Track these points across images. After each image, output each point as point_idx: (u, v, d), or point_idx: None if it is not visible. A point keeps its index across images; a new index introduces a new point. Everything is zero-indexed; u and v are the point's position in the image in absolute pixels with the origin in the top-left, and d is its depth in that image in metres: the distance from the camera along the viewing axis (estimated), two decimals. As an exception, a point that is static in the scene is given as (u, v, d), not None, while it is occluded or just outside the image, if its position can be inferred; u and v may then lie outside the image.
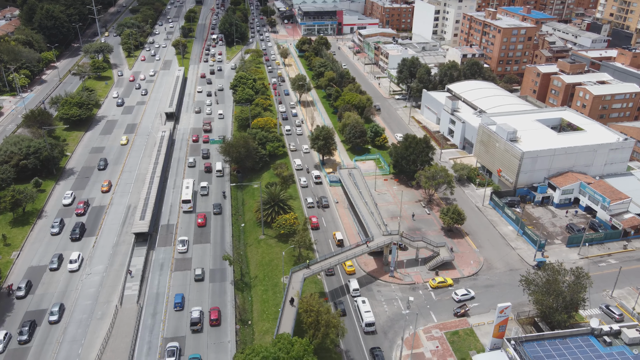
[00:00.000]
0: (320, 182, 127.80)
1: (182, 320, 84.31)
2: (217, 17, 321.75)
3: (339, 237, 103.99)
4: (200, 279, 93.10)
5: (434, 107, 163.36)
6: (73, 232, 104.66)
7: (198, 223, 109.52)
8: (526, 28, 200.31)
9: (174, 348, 76.82)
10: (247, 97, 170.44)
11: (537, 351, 73.27)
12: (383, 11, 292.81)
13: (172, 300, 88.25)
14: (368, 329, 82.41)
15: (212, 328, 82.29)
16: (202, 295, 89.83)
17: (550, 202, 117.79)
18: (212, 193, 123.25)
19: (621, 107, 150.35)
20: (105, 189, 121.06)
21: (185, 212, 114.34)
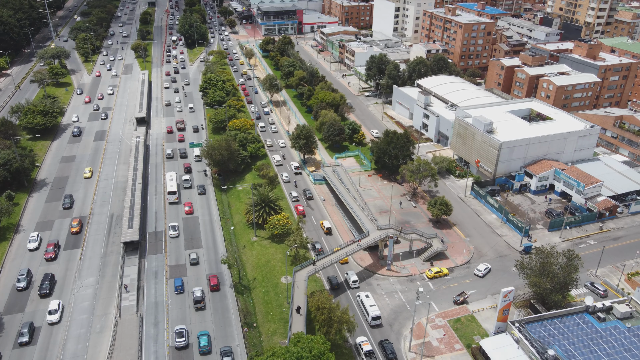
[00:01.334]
0: (299, 172, 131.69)
1: (185, 302, 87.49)
2: (174, 18, 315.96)
3: (327, 226, 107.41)
4: (195, 262, 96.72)
5: (405, 102, 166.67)
6: (42, 288, 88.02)
7: (186, 211, 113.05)
8: (485, 23, 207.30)
9: (182, 330, 79.41)
10: (219, 99, 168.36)
11: (540, 331, 76.72)
12: (342, 9, 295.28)
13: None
14: (374, 322, 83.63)
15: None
16: (205, 323, 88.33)
17: (527, 189, 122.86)
18: (195, 185, 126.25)
19: (582, 97, 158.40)
20: (75, 229, 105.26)
21: (172, 204, 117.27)
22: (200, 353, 77.29)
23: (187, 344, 78.61)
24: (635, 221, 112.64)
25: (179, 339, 78.00)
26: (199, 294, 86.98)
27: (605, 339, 75.47)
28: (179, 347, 77.94)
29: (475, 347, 78.29)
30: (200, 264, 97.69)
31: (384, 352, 77.61)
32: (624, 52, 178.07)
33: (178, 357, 77.07)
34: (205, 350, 77.03)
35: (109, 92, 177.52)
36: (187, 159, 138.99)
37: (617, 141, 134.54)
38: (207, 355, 77.19)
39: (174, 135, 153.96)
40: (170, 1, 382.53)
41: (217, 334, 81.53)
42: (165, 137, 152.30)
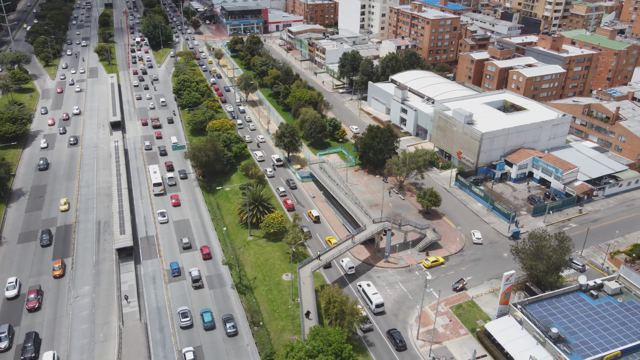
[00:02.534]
0: (282, 164, 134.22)
1: (184, 285, 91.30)
2: (134, 19, 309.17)
3: (315, 214, 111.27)
4: (188, 246, 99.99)
5: (381, 98, 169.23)
6: (25, 351, 75.67)
7: (173, 203, 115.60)
8: (451, 19, 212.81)
9: (186, 310, 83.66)
10: (195, 100, 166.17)
11: (540, 311, 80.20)
12: (306, 8, 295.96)
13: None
14: (378, 310, 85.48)
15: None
16: (205, 303, 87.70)
17: (508, 177, 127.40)
18: (179, 182, 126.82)
19: (549, 87, 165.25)
20: (57, 273, 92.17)
21: (157, 195, 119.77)
22: (205, 329, 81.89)
23: (192, 324, 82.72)
24: (610, 203, 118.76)
25: (184, 319, 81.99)
26: (196, 274, 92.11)
27: (600, 315, 79.68)
28: (184, 326, 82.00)
29: (480, 330, 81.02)
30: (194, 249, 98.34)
31: (394, 341, 79.26)
32: (583, 44, 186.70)
33: (185, 335, 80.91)
34: (209, 326, 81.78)
35: (74, 111, 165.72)
36: (167, 156, 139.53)
37: (587, 128, 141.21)
38: (211, 330, 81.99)
39: (149, 130, 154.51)
40: (127, 2, 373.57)
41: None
42: (142, 140, 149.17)
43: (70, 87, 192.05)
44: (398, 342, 78.91)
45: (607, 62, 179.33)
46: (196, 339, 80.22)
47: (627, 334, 75.52)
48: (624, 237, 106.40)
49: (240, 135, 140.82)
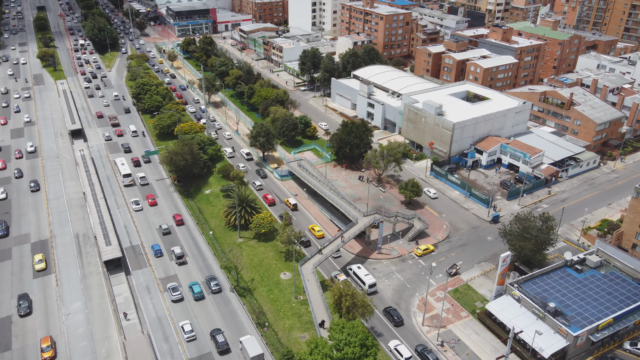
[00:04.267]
0: (251, 158, 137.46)
1: (169, 262, 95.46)
2: (72, 22, 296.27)
3: (292, 202, 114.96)
4: (182, 261, 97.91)
5: (346, 93, 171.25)
6: None
7: (149, 203, 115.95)
8: (403, 14, 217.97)
9: (176, 285, 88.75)
10: (157, 104, 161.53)
11: (534, 288, 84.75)
12: (255, 6, 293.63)
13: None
14: (371, 290, 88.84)
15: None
16: (207, 310, 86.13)
17: (479, 165, 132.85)
18: (156, 190, 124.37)
19: (504, 77, 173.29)
20: (48, 354, 75.74)
21: (127, 186, 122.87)
22: (195, 299, 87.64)
23: (182, 297, 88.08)
24: (574, 183, 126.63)
25: (175, 293, 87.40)
26: (179, 251, 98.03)
27: (588, 287, 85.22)
28: (175, 300, 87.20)
29: (481, 311, 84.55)
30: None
31: (392, 318, 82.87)
32: (529, 35, 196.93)
33: (177, 307, 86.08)
34: (199, 296, 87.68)
35: (25, 119, 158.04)
36: (132, 153, 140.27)
37: (544, 114, 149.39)
38: (201, 300, 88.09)
39: (113, 136, 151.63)
40: (61, 5, 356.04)
41: (232, 338, 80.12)
42: (107, 147, 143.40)
43: (15, 97, 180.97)
44: (395, 318, 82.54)
45: (552, 52, 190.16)
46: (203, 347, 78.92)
47: (615, 302, 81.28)
48: (591, 213, 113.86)
49: (212, 137, 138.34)
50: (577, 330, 74.94)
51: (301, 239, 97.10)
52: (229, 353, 77.50)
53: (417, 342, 79.50)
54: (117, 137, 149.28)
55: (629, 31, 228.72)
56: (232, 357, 76.95)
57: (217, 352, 77.43)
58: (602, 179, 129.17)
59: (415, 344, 79.02)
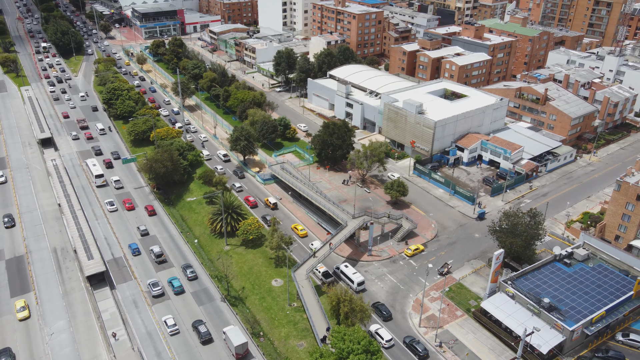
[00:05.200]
0: (228, 159, 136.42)
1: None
2: (32, 25, 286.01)
3: (272, 201, 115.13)
4: (162, 260, 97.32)
5: (323, 93, 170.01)
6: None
7: (127, 207, 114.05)
8: (376, 13, 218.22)
9: (156, 281, 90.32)
10: (130, 109, 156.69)
11: (527, 284, 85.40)
12: (223, 7, 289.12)
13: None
14: (359, 288, 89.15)
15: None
16: (218, 354, 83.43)
17: (460, 162, 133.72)
18: (125, 183, 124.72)
19: (478, 74, 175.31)
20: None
21: (99, 187, 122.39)
22: (175, 294, 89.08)
23: (163, 292, 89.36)
24: (553, 177, 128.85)
25: (155, 288, 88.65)
26: (158, 250, 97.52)
27: (578, 280, 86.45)
28: (156, 295, 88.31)
29: (476, 310, 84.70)
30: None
31: (380, 313, 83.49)
32: (500, 32, 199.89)
33: (158, 302, 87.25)
34: (179, 290, 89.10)
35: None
36: (103, 155, 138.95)
37: (520, 110, 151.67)
38: (182, 295, 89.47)
39: (84, 143, 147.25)
40: (19, 7, 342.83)
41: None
42: (79, 155, 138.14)
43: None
44: (384, 313, 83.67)
45: (523, 48, 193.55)
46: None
47: (606, 295, 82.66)
48: (572, 207, 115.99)
49: (190, 142, 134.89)
50: (573, 324, 75.78)
51: (291, 244, 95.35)
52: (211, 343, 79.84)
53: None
54: (88, 141, 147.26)
55: (593, 26, 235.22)
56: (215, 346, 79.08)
57: (200, 342, 79.35)
58: (579, 172, 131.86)
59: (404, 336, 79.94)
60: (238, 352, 74.72)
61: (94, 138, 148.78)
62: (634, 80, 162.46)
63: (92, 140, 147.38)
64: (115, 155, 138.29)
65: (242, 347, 74.82)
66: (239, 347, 74.41)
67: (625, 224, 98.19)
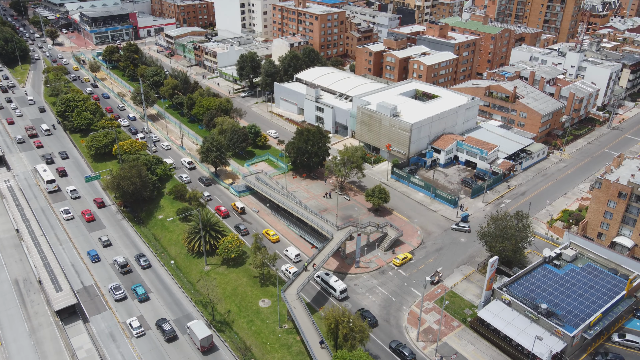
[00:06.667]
0: (194, 167, 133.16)
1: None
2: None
3: (239, 206, 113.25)
4: (127, 270, 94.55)
5: (291, 98, 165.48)
6: None
7: (87, 218, 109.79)
8: (337, 13, 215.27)
9: (118, 285, 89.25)
10: (87, 121, 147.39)
11: (521, 290, 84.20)
12: (177, 9, 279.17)
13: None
14: (342, 296, 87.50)
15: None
16: (184, 352, 77.81)
17: (437, 164, 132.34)
18: (101, 218, 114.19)
19: (445, 73, 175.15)
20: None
21: (51, 192, 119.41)
22: (140, 301, 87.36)
23: (125, 296, 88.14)
24: (529, 175, 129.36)
25: (117, 292, 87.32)
26: (122, 260, 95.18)
27: (570, 282, 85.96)
28: (118, 299, 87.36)
29: (473, 319, 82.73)
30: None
31: (364, 319, 79.19)
32: (462, 30, 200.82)
33: (121, 307, 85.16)
34: (143, 298, 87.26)
35: None
36: (54, 164, 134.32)
37: (490, 108, 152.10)
38: (146, 302, 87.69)
39: (36, 159, 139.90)
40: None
41: None
42: (35, 177, 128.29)
43: None
44: (369, 319, 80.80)
45: (485, 46, 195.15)
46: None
47: (599, 296, 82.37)
48: (551, 205, 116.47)
49: (157, 156, 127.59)
50: (573, 330, 74.82)
51: (276, 260, 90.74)
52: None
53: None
54: (38, 149, 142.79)
55: (548, 22, 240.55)
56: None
57: (165, 340, 79.22)
58: (552, 169, 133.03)
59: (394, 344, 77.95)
60: (203, 344, 75.84)
61: (44, 146, 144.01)
62: (594, 76, 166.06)
63: (42, 149, 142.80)
64: (63, 155, 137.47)
65: (206, 339, 76.04)
66: (203, 340, 75.57)
67: (607, 221, 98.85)
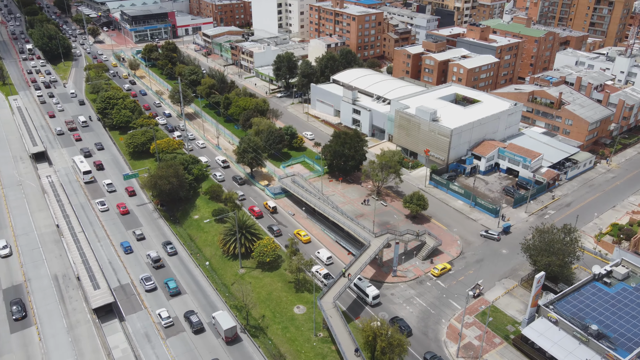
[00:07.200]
0: (227, 165, 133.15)
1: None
2: (14, 27, 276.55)
3: (272, 205, 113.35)
4: (160, 265, 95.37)
5: (327, 99, 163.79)
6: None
7: (121, 211, 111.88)
8: (375, 14, 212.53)
9: (149, 276, 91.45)
10: (126, 119, 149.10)
11: (569, 308, 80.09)
12: (215, 9, 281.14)
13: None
14: (375, 302, 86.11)
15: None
16: (217, 354, 76.97)
17: (477, 171, 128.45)
18: (119, 189, 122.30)
19: (486, 77, 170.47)
20: None
21: (87, 183, 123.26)
22: (171, 295, 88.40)
23: (156, 287, 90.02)
24: (575, 186, 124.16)
25: (148, 283, 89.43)
26: (155, 254, 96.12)
27: (622, 302, 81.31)
28: (149, 289, 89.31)
29: (516, 337, 79.31)
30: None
31: (398, 328, 76.61)
32: (504, 33, 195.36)
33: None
34: (175, 292, 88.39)
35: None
36: (92, 157, 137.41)
37: (533, 115, 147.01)
38: (177, 296, 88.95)
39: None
40: (1, 10, 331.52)
41: None
42: (75, 171, 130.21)
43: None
44: (402, 328, 78.87)
45: (528, 49, 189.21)
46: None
47: (653, 318, 77.72)
48: (599, 218, 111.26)
49: (194, 155, 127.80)
50: (626, 354, 70.62)
51: (312, 267, 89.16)
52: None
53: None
54: (77, 143, 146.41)
55: (594, 26, 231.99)
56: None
57: (192, 332, 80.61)
58: (599, 179, 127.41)
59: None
60: (227, 335, 77.71)
61: (82, 140, 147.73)
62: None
63: (81, 142, 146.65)
64: (99, 146, 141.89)
65: (231, 330, 77.76)
66: (228, 331, 77.40)
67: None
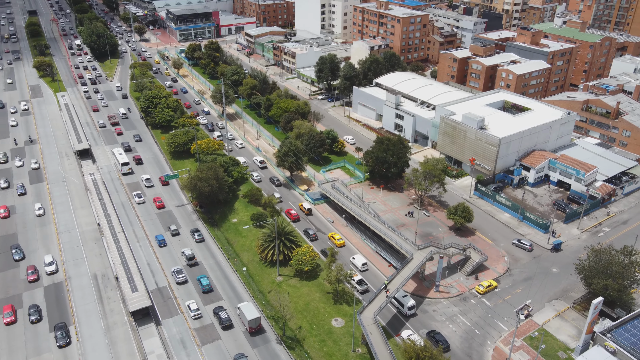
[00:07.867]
0: (265, 166, 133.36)
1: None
2: (64, 22, 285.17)
3: (307, 207, 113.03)
4: (194, 262, 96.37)
5: (369, 103, 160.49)
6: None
7: (157, 205, 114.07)
8: (420, 16, 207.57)
9: (180, 269, 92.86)
10: (168, 118, 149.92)
11: (628, 337, 74.52)
12: (258, 8, 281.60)
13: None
14: (410, 312, 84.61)
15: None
16: (233, 333, 75.24)
17: (525, 182, 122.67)
18: (156, 184, 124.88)
19: (536, 83, 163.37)
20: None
21: (125, 174, 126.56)
22: (204, 292, 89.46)
23: (187, 280, 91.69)
24: (632, 202, 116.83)
25: (179, 275, 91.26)
26: (189, 252, 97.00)
27: (687, 333, 75.21)
28: (180, 282, 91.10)
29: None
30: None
31: (435, 342, 75.94)
32: (556, 37, 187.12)
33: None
34: (207, 289, 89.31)
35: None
36: (132, 152, 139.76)
37: (587, 124, 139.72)
38: (209, 293, 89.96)
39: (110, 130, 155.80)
40: (52, 7, 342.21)
41: None
42: (116, 169, 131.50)
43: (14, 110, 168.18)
44: (440, 342, 76.97)
45: (582, 55, 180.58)
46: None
47: None
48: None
49: (234, 157, 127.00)
50: (693, 392, 64.91)
51: (352, 279, 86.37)
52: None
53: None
54: (118, 136, 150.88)
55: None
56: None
57: (221, 328, 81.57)
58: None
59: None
60: (251, 326, 79.26)
61: (123, 133, 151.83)
62: None
63: (121, 136, 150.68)
64: (137, 138, 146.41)
65: (254, 321, 79.28)
66: (252, 322, 78.89)
67: None
